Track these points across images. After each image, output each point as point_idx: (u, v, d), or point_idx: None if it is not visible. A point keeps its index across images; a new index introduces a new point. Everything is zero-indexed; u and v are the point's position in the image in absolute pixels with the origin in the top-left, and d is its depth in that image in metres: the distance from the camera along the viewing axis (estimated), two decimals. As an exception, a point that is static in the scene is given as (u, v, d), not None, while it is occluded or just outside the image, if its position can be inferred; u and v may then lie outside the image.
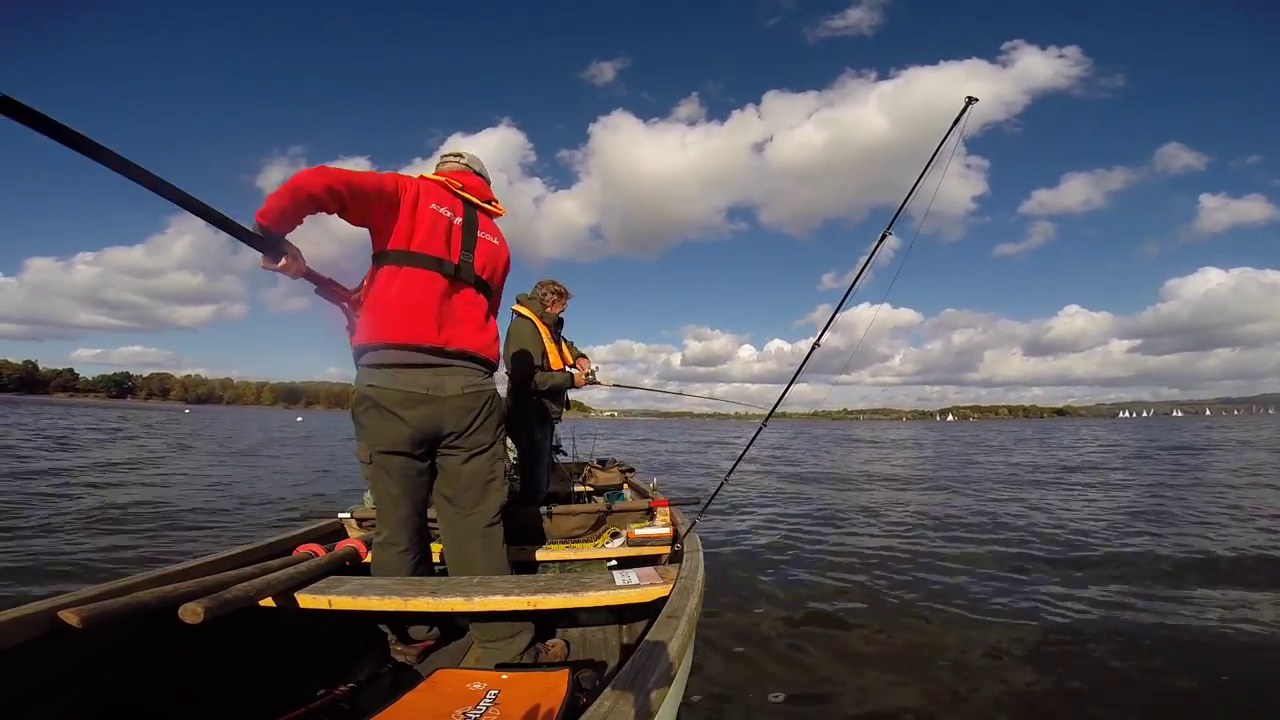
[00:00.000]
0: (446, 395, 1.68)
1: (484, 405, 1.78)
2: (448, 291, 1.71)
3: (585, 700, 1.24)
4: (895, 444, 22.56)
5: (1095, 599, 3.01)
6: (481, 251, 1.82)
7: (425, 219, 1.70)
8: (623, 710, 0.85)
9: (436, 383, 1.67)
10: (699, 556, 1.79)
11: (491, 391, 1.82)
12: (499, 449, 1.85)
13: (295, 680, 1.75)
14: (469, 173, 1.91)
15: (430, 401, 1.67)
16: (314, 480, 8.60)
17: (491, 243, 1.87)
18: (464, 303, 1.75)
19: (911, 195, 2.05)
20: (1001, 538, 4.59)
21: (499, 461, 1.85)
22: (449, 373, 1.70)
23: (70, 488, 6.64)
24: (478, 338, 1.78)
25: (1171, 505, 6.01)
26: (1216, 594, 3.08)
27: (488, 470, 1.81)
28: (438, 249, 1.70)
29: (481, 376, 1.79)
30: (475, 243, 1.80)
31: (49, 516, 4.91)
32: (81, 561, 3.61)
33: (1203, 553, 3.93)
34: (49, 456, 9.91)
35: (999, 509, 5.92)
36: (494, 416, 1.83)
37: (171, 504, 5.84)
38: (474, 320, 1.77)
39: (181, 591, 1.33)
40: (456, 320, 1.72)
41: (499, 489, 1.84)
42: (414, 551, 1.81)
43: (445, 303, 1.70)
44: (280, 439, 18.10)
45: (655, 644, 1.10)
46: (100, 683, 1.34)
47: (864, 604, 3.03)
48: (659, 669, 0.99)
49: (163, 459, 10.78)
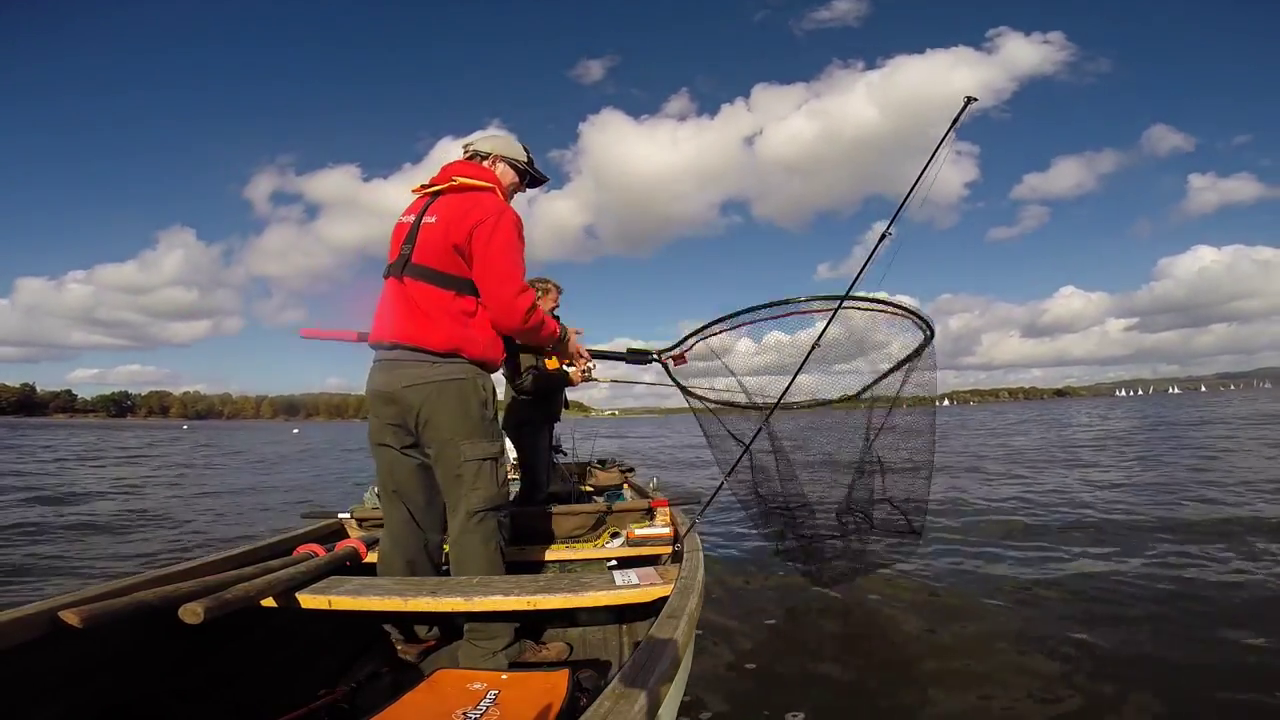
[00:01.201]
0: (397, 389, 1.74)
1: (429, 398, 1.72)
2: (396, 290, 1.78)
3: (585, 700, 1.24)
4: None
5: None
6: (421, 237, 1.78)
7: (393, 237, 1.87)
8: (623, 710, 0.85)
9: (388, 379, 1.76)
10: (699, 556, 1.79)
11: (438, 384, 1.72)
12: (463, 447, 1.74)
13: (295, 680, 1.76)
14: (448, 164, 1.95)
15: (387, 398, 1.76)
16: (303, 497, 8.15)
17: (430, 223, 1.78)
18: (412, 296, 1.75)
19: (911, 195, 2.05)
20: (1012, 521, 4.58)
21: (470, 460, 1.75)
22: (395, 367, 1.76)
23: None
24: (420, 329, 1.73)
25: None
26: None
27: (454, 464, 1.74)
28: (391, 255, 1.83)
29: (425, 368, 1.72)
30: (418, 232, 1.79)
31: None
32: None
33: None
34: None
35: (997, 489, 5.90)
36: (446, 409, 1.73)
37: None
38: (422, 312, 1.73)
39: (182, 591, 1.33)
40: (402, 316, 1.76)
41: (474, 484, 1.75)
42: (406, 549, 1.83)
43: (396, 301, 1.78)
44: (262, 459, 15.94)
45: (655, 644, 1.10)
46: (100, 683, 1.35)
47: (866, 602, 3.03)
48: (659, 669, 0.99)
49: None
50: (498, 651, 1.71)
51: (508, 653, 1.72)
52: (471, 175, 1.87)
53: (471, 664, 1.68)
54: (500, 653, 1.71)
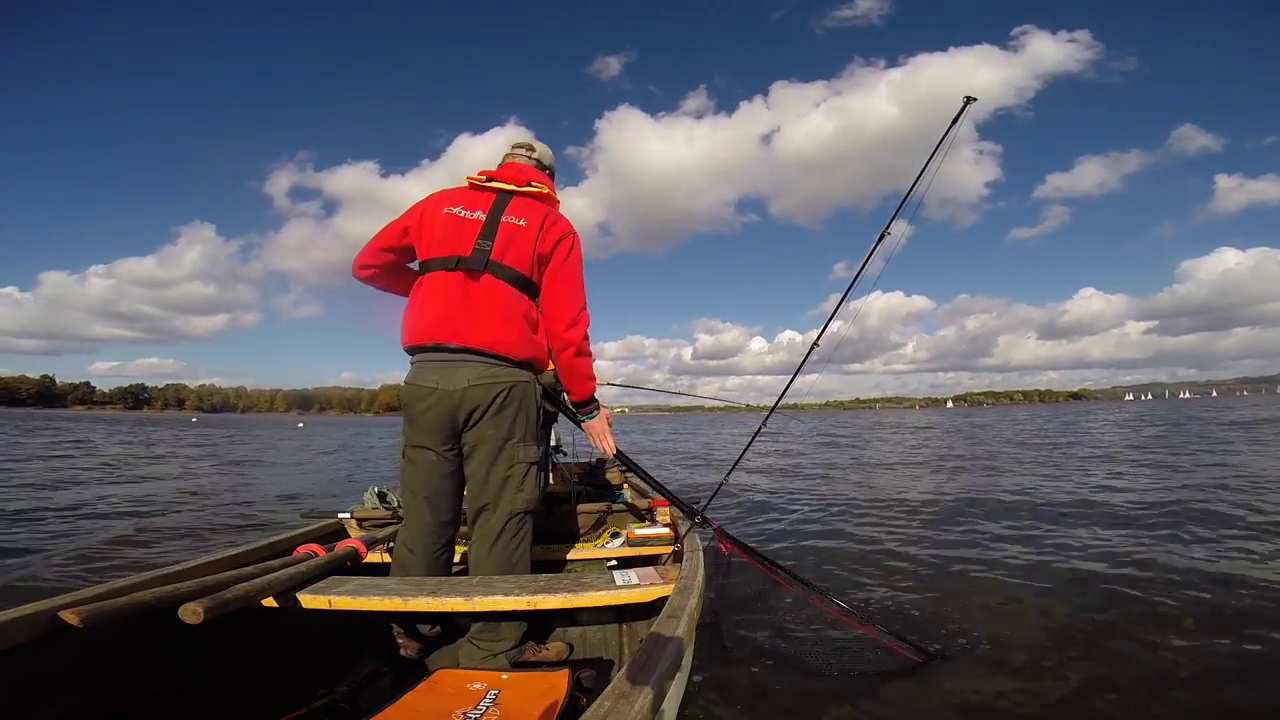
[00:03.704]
0: (453, 389, 1.68)
1: (494, 399, 1.69)
2: (462, 285, 1.72)
3: (585, 700, 1.24)
4: (915, 430, 22.15)
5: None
6: (503, 236, 1.74)
7: (438, 224, 1.77)
8: (623, 710, 0.84)
9: (443, 376, 1.69)
10: (699, 556, 1.79)
11: (507, 385, 1.71)
12: (518, 449, 1.75)
13: (295, 680, 1.76)
14: (512, 162, 1.93)
15: (438, 395, 1.70)
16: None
17: (517, 224, 1.75)
18: (488, 296, 1.70)
19: (910, 195, 2.06)
20: (1020, 525, 4.59)
21: (522, 463, 1.75)
22: (455, 366, 1.69)
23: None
24: (492, 330, 1.69)
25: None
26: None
27: (507, 465, 1.73)
28: (452, 248, 1.74)
29: (495, 369, 1.70)
30: (496, 229, 1.74)
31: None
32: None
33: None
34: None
35: (1001, 486, 5.91)
36: (509, 411, 1.72)
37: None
38: (492, 311, 1.70)
39: (182, 591, 1.33)
40: (475, 317, 1.69)
41: (521, 486, 1.74)
42: (429, 550, 1.81)
43: (459, 298, 1.71)
44: (239, 462, 12.45)
45: (656, 644, 1.10)
46: (100, 683, 1.35)
47: (868, 600, 3.03)
48: (660, 669, 0.99)
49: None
50: (499, 652, 1.71)
51: (509, 653, 1.72)
52: (548, 185, 1.88)
53: (472, 664, 1.68)
54: (501, 653, 1.71)
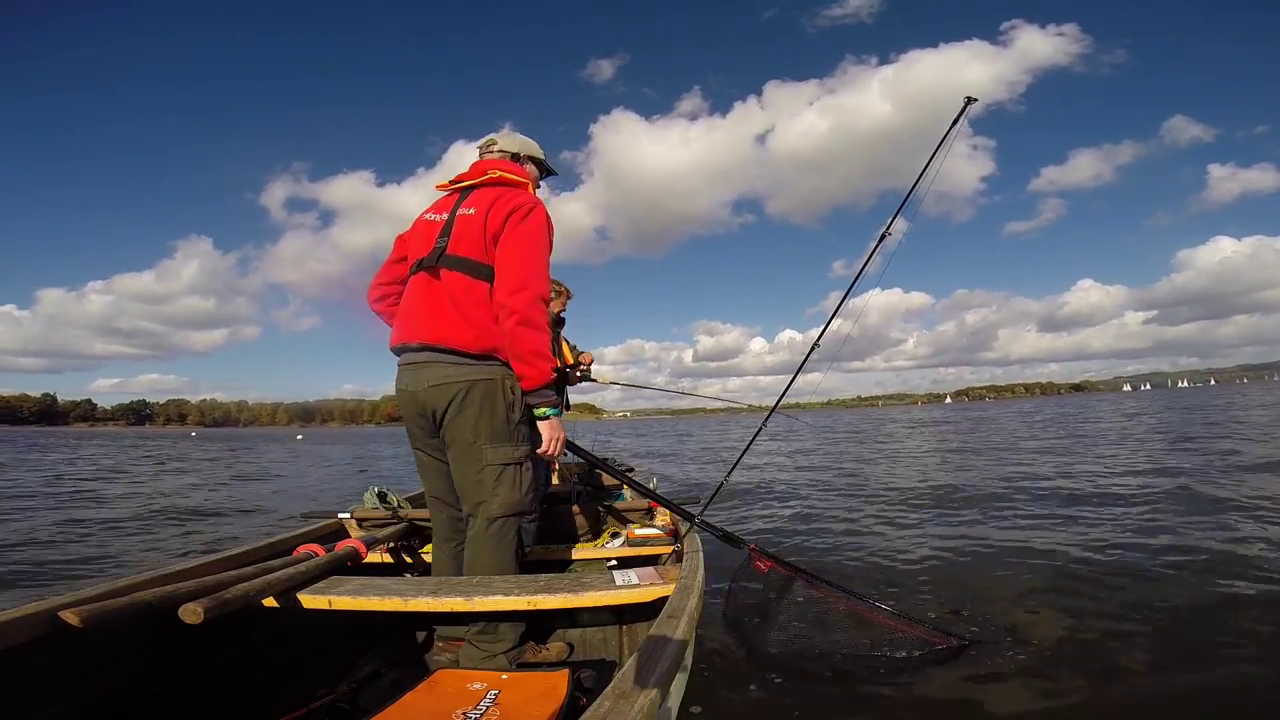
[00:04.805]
0: (418, 390, 1.71)
1: (452, 400, 1.66)
2: (427, 285, 1.72)
3: (585, 700, 1.24)
4: (916, 424, 21.95)
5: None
6: (457, 229, 1.71)
7: (417, 233, 1.82)
8: (623, 710, 0.84)
9: (412, 378, 1.73)
10: (699, 556, 1.79)
11: (465, 385, 1.65)
12: (485, 451, 1.68)
13: (295, 680, 1.76)
14: (478, 161, 1.94)
15: (407, 398, 1.74)
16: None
17: (468, 214, 1.72)
18: (446, 290, 1.69)
19: (911, 195, 2.06)
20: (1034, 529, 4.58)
21: (487, 465, 1.69)
22: (420, 367, 1.71)
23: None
24: (444, 323, 1.66)
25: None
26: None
27: (475, 468, 1.69)
28: (418, 252, 1.77)
29: (453, 368, 1.66)
30: (453, 225, 1.73)
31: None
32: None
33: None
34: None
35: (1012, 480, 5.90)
36: (469, 412, 1.66)
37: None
38: (446, 303, 1.68)
39: (182, 591, 1.33)
40: (433, 314, 1.69)
41: (494, 489, 1.69)
42: (448, 545, 1.88)
43: (426, 298, 1.72)
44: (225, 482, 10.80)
45: (656, 644, 1.10)
46: (100, 683, 1.35)
47: (894, 585, 2.99)
48: (659, 669, 0.99)
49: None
50: (499, 652, 1.71)
51: (509, 654, 1.73)
52: (509, 170, 1.86)
53: (472, 664, 1.68)
54: (501, 654, 1.71)
